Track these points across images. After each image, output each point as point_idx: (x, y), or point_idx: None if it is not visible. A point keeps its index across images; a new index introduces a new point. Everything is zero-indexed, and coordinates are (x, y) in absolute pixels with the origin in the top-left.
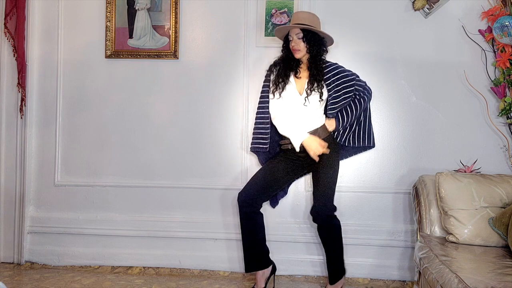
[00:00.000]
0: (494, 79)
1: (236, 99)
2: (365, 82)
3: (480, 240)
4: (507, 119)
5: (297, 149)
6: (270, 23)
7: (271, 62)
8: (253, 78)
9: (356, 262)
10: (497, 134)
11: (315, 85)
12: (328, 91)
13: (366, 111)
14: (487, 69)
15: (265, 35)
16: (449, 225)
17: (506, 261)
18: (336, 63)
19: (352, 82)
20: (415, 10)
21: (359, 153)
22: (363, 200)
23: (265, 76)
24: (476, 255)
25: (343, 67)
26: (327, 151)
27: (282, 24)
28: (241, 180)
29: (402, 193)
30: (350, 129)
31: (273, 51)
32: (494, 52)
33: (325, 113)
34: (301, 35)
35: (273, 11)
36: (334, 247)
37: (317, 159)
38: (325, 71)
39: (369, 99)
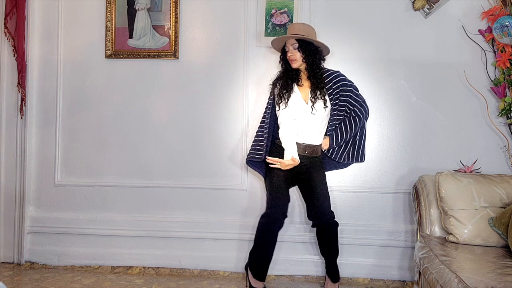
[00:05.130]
0: (494, 79)
1: (236, 99)
2: (363, 99)
3: (480, 240)
4: (507, 119)
5: (286, 157)
6: (270, 23)
7: (270, 68)
8: (253, 78)
9: (356, 262)
10: (497, 134)
11: (318, 93)
12: (330, 100)
13: (363, 129)
14: (487, 69)
15: (265, 35)
16: (449, 225)
17: (506, 261)
18: (338, 71)
19: (349, 88)
20: (415, 10)
21: (344, 167)
22: (363, 200)
23: (270, 92)
24: (476, 255)
25: (344, 76)
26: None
27: (282, 24)
28: (241, 180)
29: (402, 193)
30: (346, 146)
31: (273, 51)
32: (494, 52)
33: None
34: (296, 45)
35: (273, 11)
36: (335, 249)
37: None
38: (326, 80)
39: (365, 117)
